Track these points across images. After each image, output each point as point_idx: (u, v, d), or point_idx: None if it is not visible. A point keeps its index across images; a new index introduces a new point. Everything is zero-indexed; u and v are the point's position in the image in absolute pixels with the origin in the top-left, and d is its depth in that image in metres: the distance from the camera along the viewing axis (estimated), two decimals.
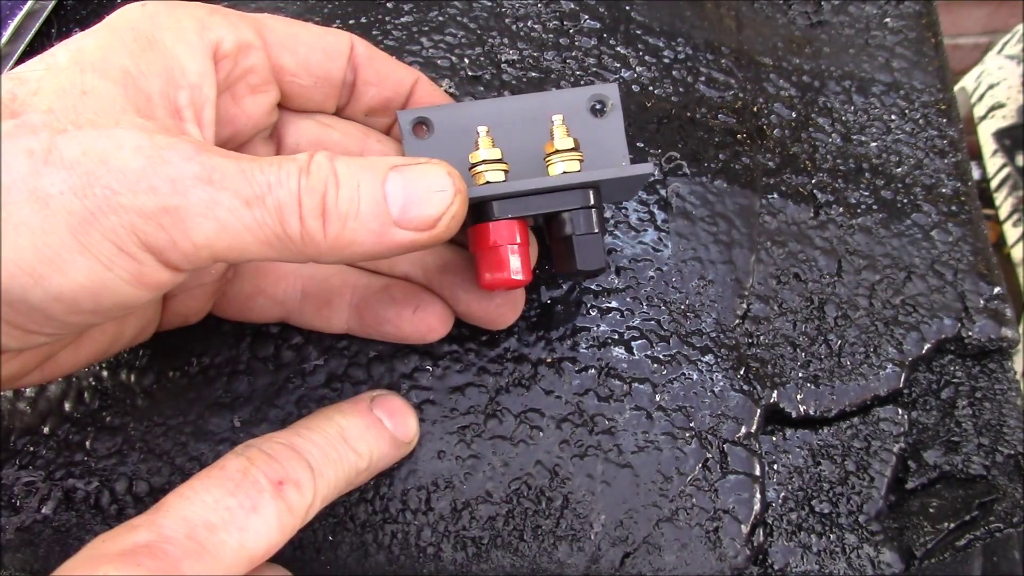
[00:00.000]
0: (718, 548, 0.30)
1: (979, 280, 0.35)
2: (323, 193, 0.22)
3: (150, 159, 0.20)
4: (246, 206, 0.21)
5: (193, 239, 0.21)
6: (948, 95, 0.39)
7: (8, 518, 0.29)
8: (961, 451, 0.33)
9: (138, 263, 0.21)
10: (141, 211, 0.20)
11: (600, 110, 0.29)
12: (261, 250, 0.22)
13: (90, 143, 0.20)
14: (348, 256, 0.23)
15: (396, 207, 0.23)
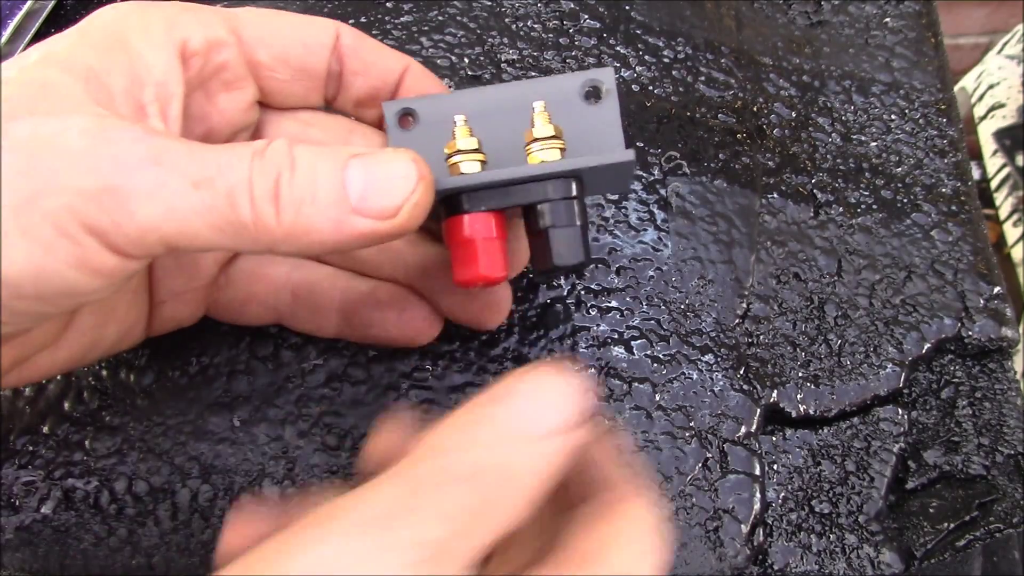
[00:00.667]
0: (718, 548, 0.30)
1: (979, 280, 0.35)
2: (276, 176, 0.21)
3: (95, 139, 0.20)
4: (194, 188, 0.20)
5: (138, 221, 0.20)
6: (948, 95, 0.39)
7: (7, 518, 0.29)
8: (961, 451, 0.33)
9: (80, 247, 0.20)
10: (81, 191, 0.20)
11: (594, 96, 0.28)
12: (213, 236, 0.21)
13: (38, 127, 0.20)
14: (306, 245, 0.22)
15: (355, 194, 0.22)
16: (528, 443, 0.19)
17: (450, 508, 0.18)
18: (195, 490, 0.30)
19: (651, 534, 0.22)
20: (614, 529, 0.21)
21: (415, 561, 0.17)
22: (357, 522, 0.17)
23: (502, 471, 0.19)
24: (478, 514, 0.18)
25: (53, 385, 0.31)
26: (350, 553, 0.16)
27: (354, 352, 0.32)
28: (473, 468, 0.18)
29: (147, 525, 0.29)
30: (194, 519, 0.29)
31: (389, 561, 0.16)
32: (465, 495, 0.18)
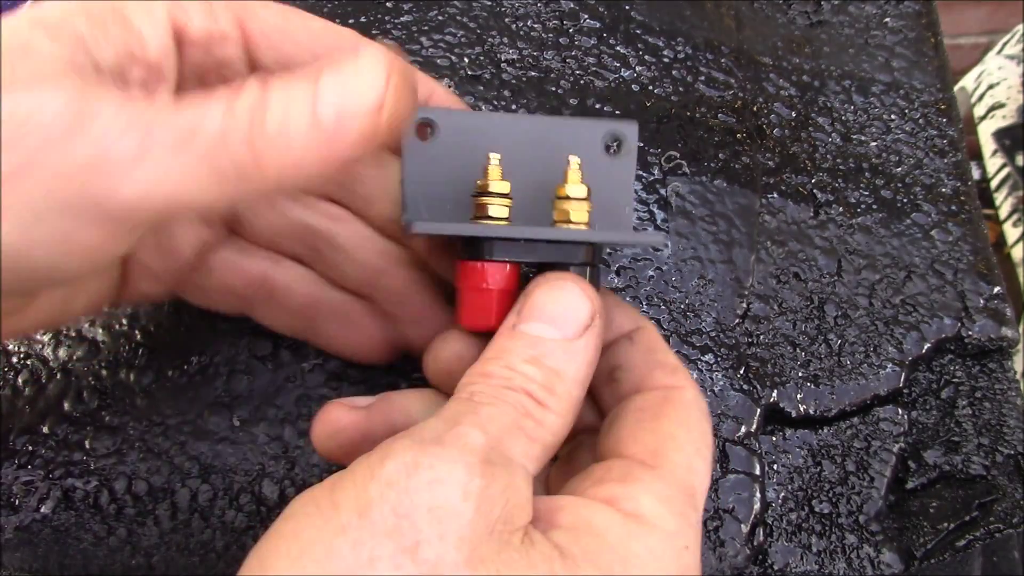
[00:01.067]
0: (718, 548, 0.30)
1: (979, 280, 0.35)
2: (249, 119, 0.20)
3: (77, 114, 0.20)
4: (173, 153, 0.20)
5: (123, 195, 0.20)
6: (948, 95, 0.39)
7: (7, 517, 0.29)
8: (961, 451, 0.32)
9: (63, 224, 0.20)
10: (61, 169, 0.19)
11: (615, 149, 0.28)
12: (200, 196, 0.20)
13: (14, 105, 0.19)
14: (293, 183, 0.21)
15: (329, 117, 0.20)
16: (560, 347, 0.22)
17: (501, 414, 0.21)
18: (195, 490, 0.30)
19: (702, 425, 0.24)
20: (668, 428, 0.23)
21: (474, 462, 0.19)
22: (419, 440, 0.19)
23: (545, 376, 0.22)
24: (528, 415, 0.21)
25: (53, 385, 0.31)
26: (420, 464, 0.19)
27: None
28: (514, 378, 0.22)
29: (147, 525, 0.29)
30: (194, 519, 0.29)
31: (456, 464, 0.19)
32: (512, 402, 0.21)
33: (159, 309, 0.32)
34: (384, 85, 0.21)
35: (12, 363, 0.32)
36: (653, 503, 0.21)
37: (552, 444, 0.22)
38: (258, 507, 0.30)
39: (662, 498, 0.21)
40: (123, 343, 0.32)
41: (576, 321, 0.23)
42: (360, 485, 0.18)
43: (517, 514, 0.19)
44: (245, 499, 0.30)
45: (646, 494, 0.21)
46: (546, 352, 0.22)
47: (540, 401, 0.22)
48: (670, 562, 0.20)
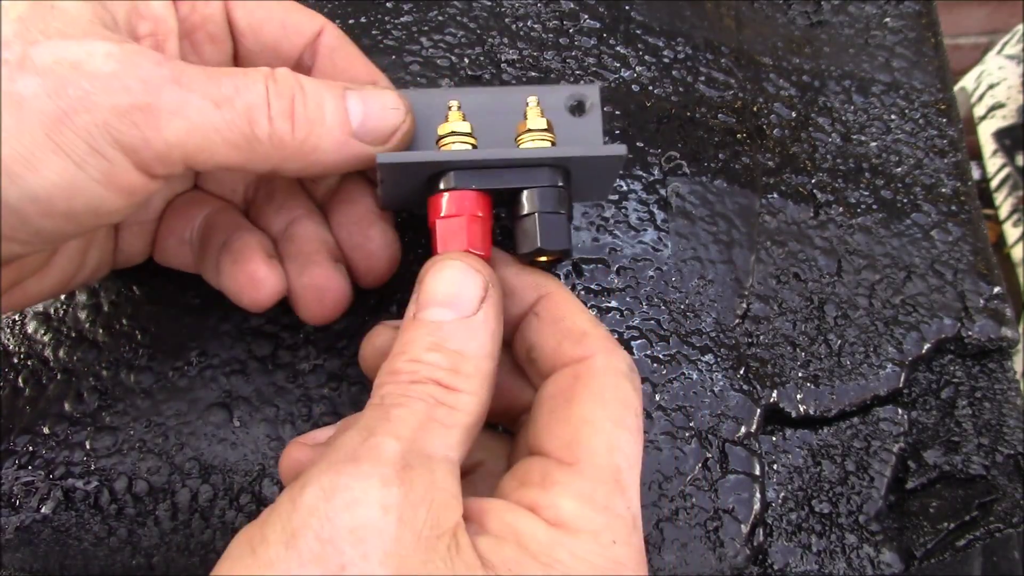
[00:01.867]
0: (718, 548, 0.30)
1: (979, 280, 0.35)
2: (291, 98, 0.23)
3: (121, 63, 0.21)
4: (215, 107, 0.22)
5: (165, 137, 0.21)
6: (948, 95, 0.39)
7: (7, 518, 0.29)
8: (961, 451, 0.33)
9: (110, 162, 0.21)
10: (115, 108, 0.21)
11: (579, 110, 0.28)
12: (229, 153, 0.23)
13: (62, 52, 0.21)
14: (310, 163, 0.24)
15: (356, 120, 0.24)
16: (459, 327, 0.22)
17: (411, 413, 0.21)
18: (195, 490, 0.30)
19: (619, 392, 0.23)
20: (580, 412, 0.22)
21: (390, 473, 0.19)
22: (335, 461, 0.20)
23: (450, 360, 0.22)
24: (440, 404, 0.21)
25: (53, 385, 0.31)
26: (336, 486, 0.19)
27: (353, 352, 0.32)
28: (419, 370, 0.22)
29: (147, 525, 0.29)
30: (194, 519, 0.29)
31: (371, 480, 0.19)
32: (421, 396, 0.21)
33: (159, 310, 0.32)
34: (404, 116, 0.26)
35: (12, 363, 0.32)
36: (574, 505, 0.21)
37: (472, 424, 0.22)
38: (258, 507, 0.30)
39: (583, 497, 0.21)
40: (123, 343, 0.32)
41: (469, 298, 0.23)
42: (284, 517, 0.19)
43: (444, 514, 0.19)
44: (245, 499, 0.30)
45: (565, 497, 0.21)
46: (446, 335, 0.22)
47: (449, 386, 0.22)
48: (598, 561, 0.20)
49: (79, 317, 0.32)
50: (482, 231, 0.25)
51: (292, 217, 0.29)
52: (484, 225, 0.25)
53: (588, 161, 0.25)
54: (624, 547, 0.21)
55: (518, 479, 0.22)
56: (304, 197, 0.30)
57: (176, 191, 0.30)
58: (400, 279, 0.31)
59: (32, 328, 0.32)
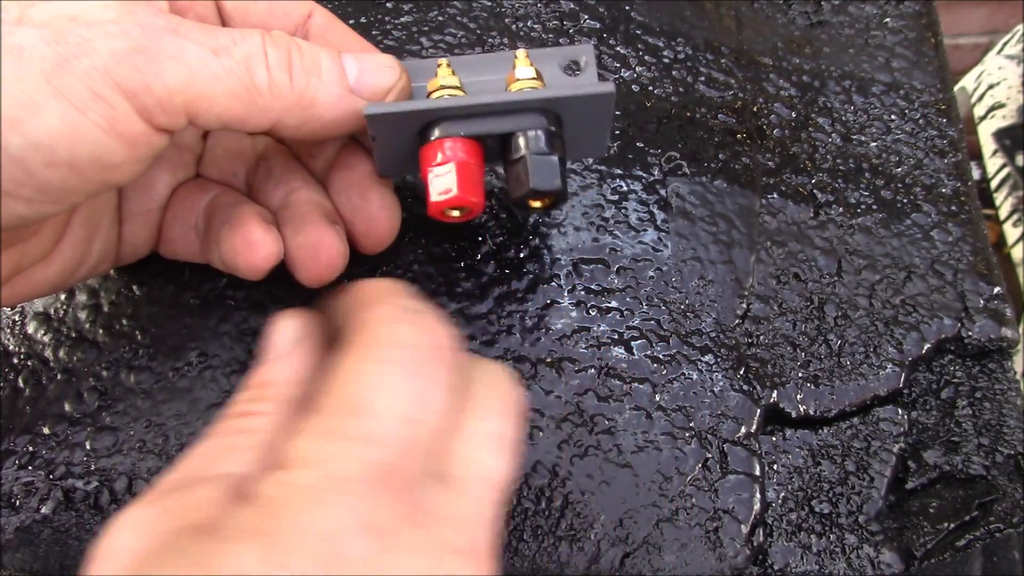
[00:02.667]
0: (718, 548, 0.30)
1: (979, 280, 0.35)
2: (288, 51, 0.24)
3: (119, 11, 0.22)
4: (214, 55, 0.22)
5: (166, 82, 0.22)
6: (948, 95, 0.39)
7: (7, 518, 0.29)
8: (961, 451, 0.33)
9: (112, 107, 0.21)
10: (114, 51, 0.21)
11: (574, 68, 0.28)
12: (230, 103, 0.23)
13: (58, 8, 0.21)
14: (309, 117, 0.24)
15: (352, 75, 0.25)
16: (271, 363, 0.23)
17: (199, 449, 0.21)
18: None
19: (377, 339, 0.21)
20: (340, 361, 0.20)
21: (149, 497, 0.20)
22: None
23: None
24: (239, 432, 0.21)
25: (53, 385, 0.31)
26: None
27: None
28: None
29: None
30: None
31: (129, 511, 0.19)
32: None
33: (159, 310, 0.32)
34: (399, 74, 0.26)
35: (12, 363, 0.32)
36: (306, 442, 0.19)
37: (269, 439, 0.21)
38: None
39: (311, 433, 0.19)
40: (123, 343, 0.32)
41: (284, 340, 0.24)
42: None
43: (191, 515, 0.19)
44: None
45: (300, 439, 0.19)
46: (258, 374, 0.23)
47: (245, 413, 0.22)
48: (309, 479, 0.18)
49: (79, 317, 0.32)
50: (473, 177, 0.25)
51: (290, 188, 0.29)
52: (475, 172, 0.25)
53: (577, 102, 0.25)
54: (346, 462, 0.18)
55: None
56: (302, 171, 0.30)
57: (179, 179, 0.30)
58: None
59: (32, 328, 0.32)
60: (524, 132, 0.25)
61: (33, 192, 0.22)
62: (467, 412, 0.21)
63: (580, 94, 0.25)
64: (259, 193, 0.30)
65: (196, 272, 0.33)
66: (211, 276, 0.32)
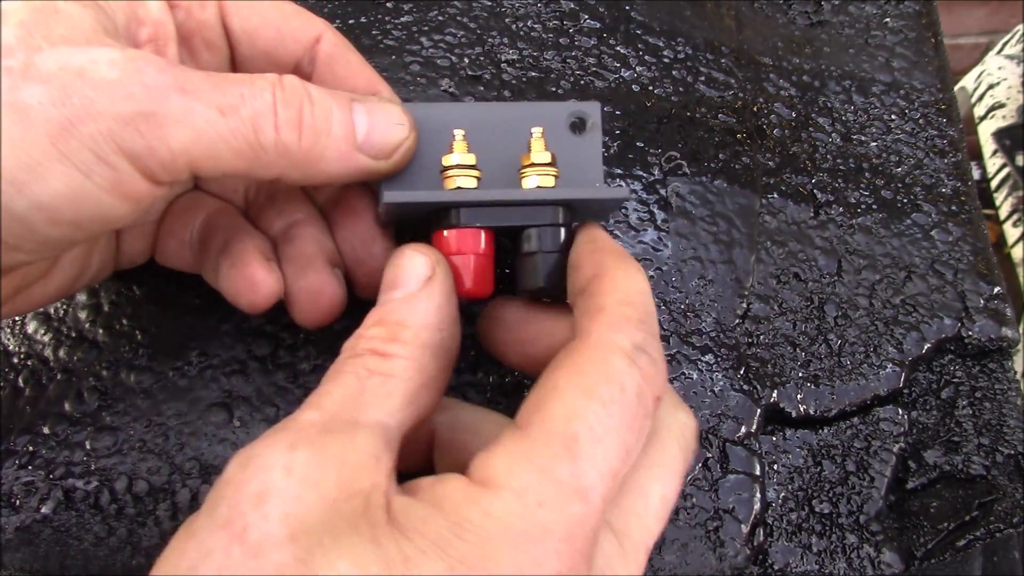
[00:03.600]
0: (718, 548, 0.30)
1: (979, 280, 0.35)
2: (299, 108, 0.23)
3: (125, 70, 0.21)
4: (221, 115, 0.22)
5: (170, 145, 0.21)
6: (948, 95, 0.39)
7: (7, 518, 0.29)
8: (961, 451, 0.33)
9: (116, 171, 0.21)
10: (119, 117, 0.21)
11: (580, 127, 0.28)
12: (234, 160, 0.23)
13: (65, 58, 0.21)
14: (313, 173, 0.24)
15: (361, 133, 0.24)
16: (402, 302, 0.23)
17: (339, 386, 0.21)
18: (195, 490, 0.30)
19: (603, 364, 0.21)
20: (552, 381, 0.21)
21: (298, 439, 0.19)
22: (258, 439, 0.20)
23: (388, 331, 0.23)
24: (373, 373, 0.21)
25: (53, 385, 0.31)
26: (250, 456, 0.19)
27: None
28: (358, 344, 0.23)
29: (147, 525, 0.29)
30: None
31: (277, 446, 0.19)
32: (353, 370, 0.22)
33: (159, 310, 0.32)
34: (408, 132, 0.26)
35: (12, 363, 0.32)
36: (506, 463, 0.19)
37: (413, 389, 0.22)
38: None
39: (519, 456, 0.19)
40: (123, 343, 0.32)
41: (414, 277, 0.24)
42: (213, 489, 0.19)
43: (358, 475, 0.19)
44: None
45: (500, 456, 0.19)
46: (389, 310, 0.23)
47: (384, 353, 0.22)
48: (514, 522, 0.18)
49: (79, 317, 0.32)
50: (485, 268, 0.25)
51: (292, 220, 0.29)
52: (487, 262, 0.25)
53: (592, 202, 0.26)
54: (553, 513, 0.19)
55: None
56: (305, 201, 0.30)
57: (177, 192, 0.30)
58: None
59: (32, 328, 0.32)
60: (538, 229, 0.25)
61: (35, 245, 0.22)
62: (648, 467, 0.22)
63: (596, 197, 0.25)
64: (259, 217, 0.30)
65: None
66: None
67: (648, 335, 0.22)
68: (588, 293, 0.23)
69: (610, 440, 0.20)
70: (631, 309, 0.22)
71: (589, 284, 0.24)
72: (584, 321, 0.23)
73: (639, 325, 0.22)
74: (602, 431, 0.20)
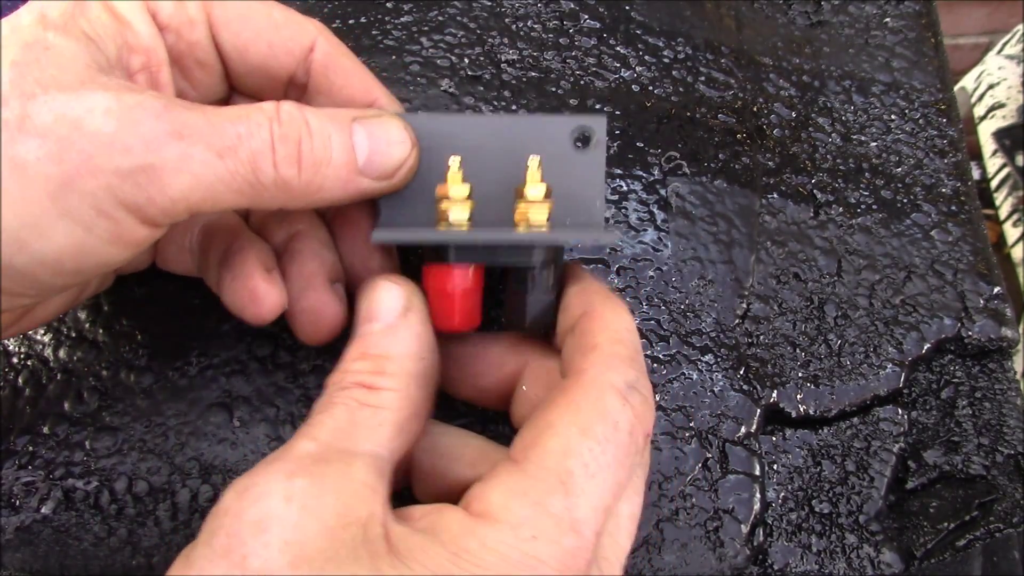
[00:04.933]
0: (718, 548, 0.30)
1: (979, 280, 0.35)
2: (298, 142, 0.23)
3: (121, 121, 0.21)
4: (219, 158, 0.22)
5: (169, 194, 0.21)
6: (948, 95, 0.39)
7: (7, 518, 0.29)
8: (961, 451, 0.33)
9: (117, 223, 0.21)
10: (117, 171, 0.21)
11: (584, 142, 0.27)
12: (234, 198, 0.22)
13: (61, 108, 0.21)
14: (315, 202, 0.24)
15: (362, 157, 0.24)
16: (382, 334, 0.23)
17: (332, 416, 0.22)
18: (195, 490, 0.30)
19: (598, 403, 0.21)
20: (548, 418, 0.22)
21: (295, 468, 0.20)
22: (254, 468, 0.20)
23: (373, 364, 0.23)
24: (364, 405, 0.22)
25: (53, 385, 0.31)
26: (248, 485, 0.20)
27: None
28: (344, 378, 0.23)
29: (147, 525, 0.29)
30: (194, 519, 0.30)
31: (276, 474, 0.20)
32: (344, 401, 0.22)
33: (159, 310, 0.32)
34: (409, 151, 0.25)
35: (12, 363, 0.32)
36: (503, 497, 0.20)
37: (403, 419, 0.22)
38: None
39: (515, 491, 0.20)
40: (123, 343, 0.32)
41: (391, 308, 0.24)
42: (209, 519, 0.19)
43: (355, 504, 0.19)
44: None
45: (497, 490, 0.20)
46: (371, 343, 0.23)
47: (371, 386, 0.22)
48: (510, 553, 0.19)
49: (79, 317, 0.32)
50: (473, 304, 0.25)
51: (294, 231, 0.29)
52: (475, 297, 0.25)
53: (575, 242, 0.26)
54: (548, 545, 0.19)
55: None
56: (308, 212, 0.29)
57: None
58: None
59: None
60: (529, 270, 0.25)
61: (37, 292, 0.23)
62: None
63: (585, 240, 0.25)
64: (261, 225, 0.30)
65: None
66: None
67: (639, 373, 0.23)
68: (579, 332, 0.24)
69: (603, 476, 0.20)
70: (622, 347, 0.23)
71: (578, 323, 0.24)
72: (577, 358, 0.23)
73: (631, 363, 0.23)
74: (596, 468, 0.20)
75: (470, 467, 0.26)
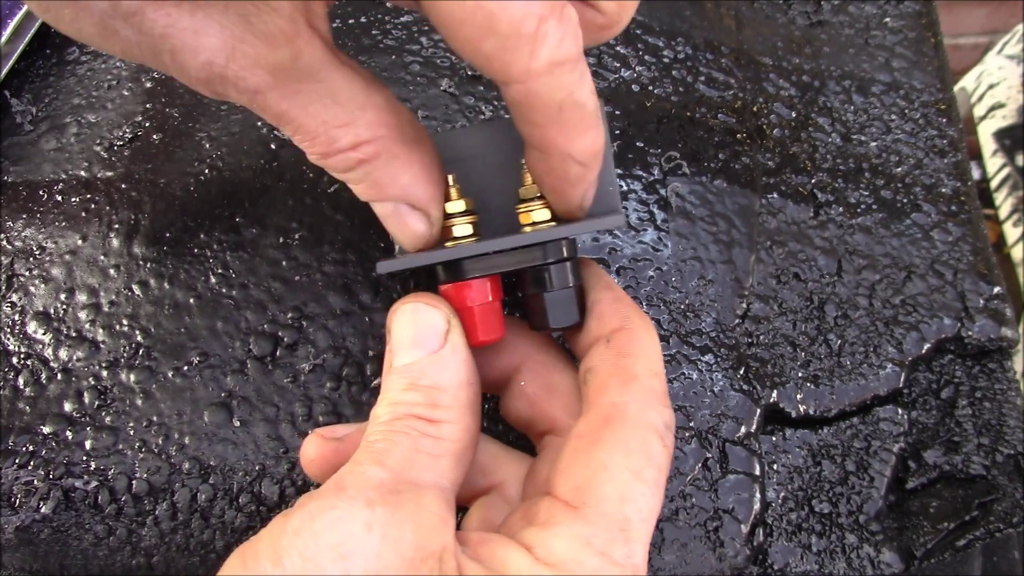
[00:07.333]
0: (718, 548, 0.30)
1: (979, 280, 0.35)
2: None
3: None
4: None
5: None
6: (948, 95, 0.39)
7: (7, 517, 0.29)
8: (961, 451, 0.33)
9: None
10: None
11: None
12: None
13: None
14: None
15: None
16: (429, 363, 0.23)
17: (395, 445, 0.22)
18: (195, 490, 0.30)
19: (646, 445, 0.22)
20: (601, 457, 0.22)
21: (375, 496, 0.20)
22: (322, 490, 0.20)
23: (425, 396, 0.22)
24: (424, 436, 0.22)
25: (53, 385, 0.31)
26: (322, 508, 0.20)
27: (354, 352, 0.32)
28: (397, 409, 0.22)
29: (147, 525, 0.29)
30: (194, 519, 0.29)
31: (356, 501, 0.19)
32: (404, 431, 0.22)
33: (159, 310, 0.32)
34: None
35: (12, 363, 0.32)
36: (567, 545, 0.21)
37: (461, 450, 0.22)
38: (258, 507, 0.30)
39: (580, 539, 0.21)
40: (123, 343, 0.32)
41: (433, 333, 0.23)
42: (275, 537, 0.19)
43: (430, 537, 0.20)
44: (245, 499, 0.30)
45: (561, 538, 0.21)
46: (418, 373, 0.23)
47: (429, 419, 0.22)
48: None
49: (79, 317, 0.32)
50: (493, 316, 0.25)
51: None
52: (494, 308, 0.25)
53: (582, 231, 0.25)
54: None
55: (525, 518, 0.22)
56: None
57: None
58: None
59: (32, 328, 0.32)
60: (543, 268, 0.25)
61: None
62: None
63: (592, 227, 0.25)
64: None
65: (196, 272, 0.33)
66: (211, 276, 0.32)
67: (669, 409, 0.23)
68: (616, 350, 0.24)
69: (652, 519, 0.22)
70: (657, 382, 0.23)
71: (615, 337, 0.24)
72: (614, 384, 0.23)
73: (664, 399, 0.23)
74: (647, 512, 0.21)
75: (482, 475, 0.26)
